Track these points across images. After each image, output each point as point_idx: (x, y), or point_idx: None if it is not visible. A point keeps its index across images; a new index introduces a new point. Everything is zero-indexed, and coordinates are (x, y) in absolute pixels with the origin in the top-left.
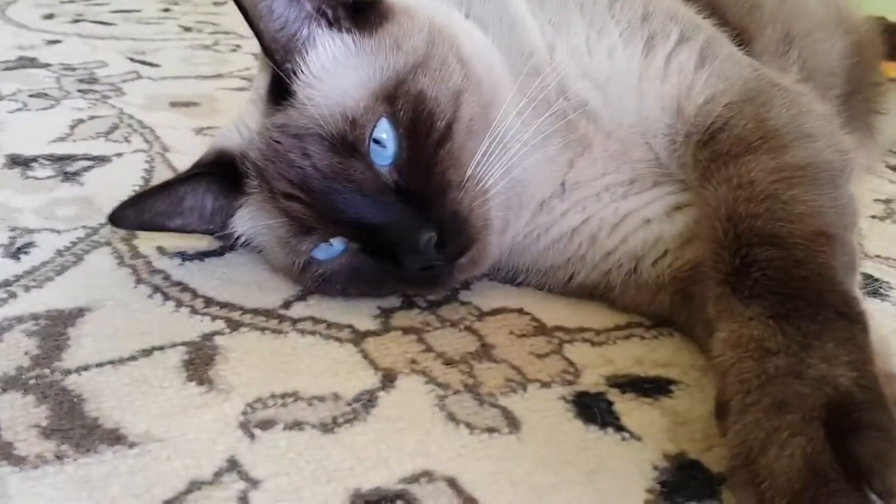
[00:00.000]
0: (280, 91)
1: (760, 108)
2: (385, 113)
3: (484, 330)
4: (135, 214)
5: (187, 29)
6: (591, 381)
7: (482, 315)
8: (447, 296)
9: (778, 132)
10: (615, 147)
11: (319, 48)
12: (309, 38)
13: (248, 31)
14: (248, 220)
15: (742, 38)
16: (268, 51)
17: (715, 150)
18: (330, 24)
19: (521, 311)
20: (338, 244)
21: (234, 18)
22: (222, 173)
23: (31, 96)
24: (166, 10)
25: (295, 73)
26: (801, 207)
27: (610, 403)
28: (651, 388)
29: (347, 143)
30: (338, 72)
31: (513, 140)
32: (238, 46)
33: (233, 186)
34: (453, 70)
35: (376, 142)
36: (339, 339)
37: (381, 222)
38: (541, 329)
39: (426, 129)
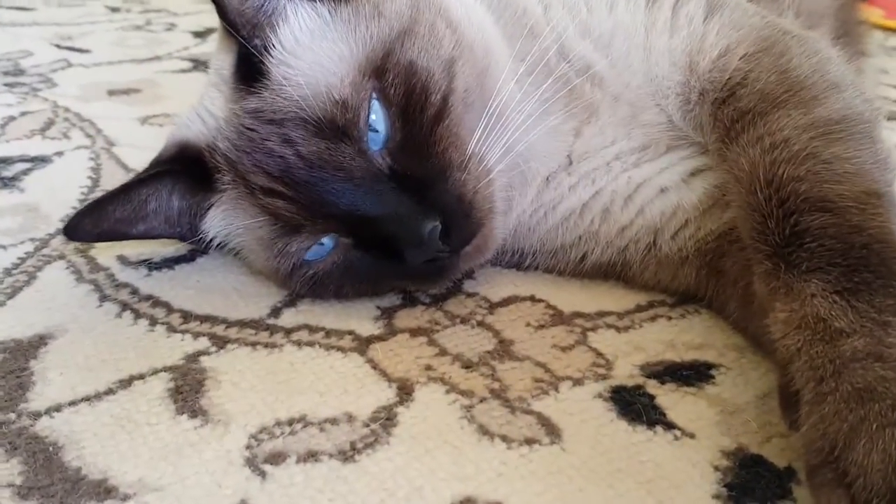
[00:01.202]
0: (250, 72)
1: (780, 59)
2: (375, 89)
3: (498, 324)
4: (92, 225)
5: (114, 9)
6: (624, 372)
7: (492, 307)
8: (450, 288)
9: (804, 83)
10: (624, 111)
11: (291, 20)
12: (278, 8)
13: (181, 8)
14: (222, 220)
15: None
16: (233, 25)
17: (738, 108)
18: None
19: (533, 299)
20: (328, 241)
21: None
22: (187, 169)
23: None
24: None
25: (266, 50)
26: (845, 166)
27: (652, 397)
28: (691, 374)
29: (337, 126)
30: (315, 45)
31: (513, 112)
32: (173, 25)
33: (201, 184)
34: (443, 36)
35: (370, 127)
36: (341, 349)
37: (379, 214)
38: (559, 317)
39: (421, 105)
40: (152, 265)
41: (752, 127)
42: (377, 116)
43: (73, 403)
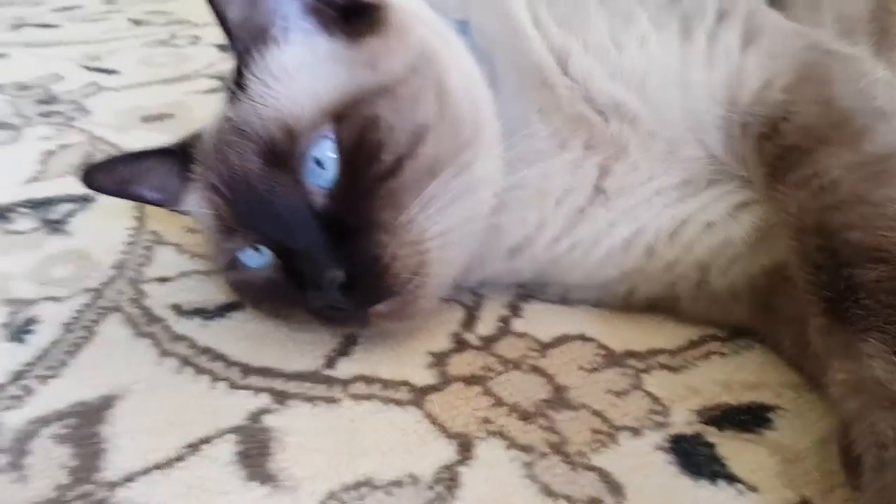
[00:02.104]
0: (237, 82)
1: (823, 88)
2: (329, 131)
3: (551, 368)
4: (103, 177)
5: (137, 22)
6: (682, 419)
7: (544, 348)
8: (499, 328)
9: (848, 115)
10: (660, 147)
11: (284, 47)
12: (274, 32)
13: (202, 18)
14: (192, 204)
15: None
16: (231, 37)
17: (782, 145)
18: (320, 24)
19: (583, 338)
20: (266, 253)
21: (185, 5)
22: (186, 154)
23: None
24: (110, 1)
25: (257, 66)
26: None
27: (711, 446)
28: (748, 419)
29: (279, 153)
30: (297, 75)
31: (488, 176)
32: (196, 38)
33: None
34: (426, 103)
35: (317, 161)
36: (398, 402)
37: (291, 246)
38: (611, 358)
39: (369, 159)
40: (206, 314)
41: (798, 166)
42: (328, 156)
43: (146, 472)
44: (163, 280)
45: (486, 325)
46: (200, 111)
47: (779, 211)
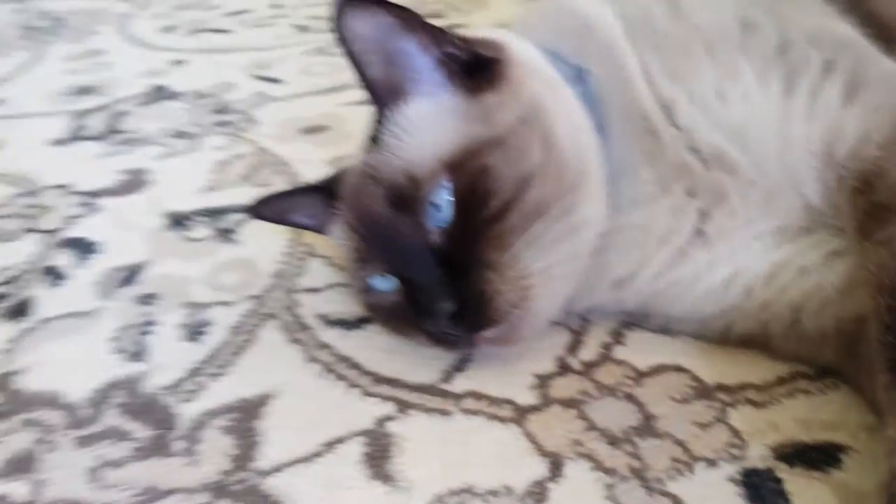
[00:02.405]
0: (375, 131)
1: None
2: (446, 180)
3: (644, 396)
4: (265, 209)
5: (302, 29)
6: (757, 453)
7: (640, 376)
8: (601, 354)
9: None
10: (758, 196)
11: (412, 101)
12: (406, 89)
13: None
14: (336, 235)
15: (892, 38)
16: (372, 93)
17: (873, 202)
18: (446, 77)
19: (679, 369)
20: (393, 280)
21: None
22: (334, 190)
23: (173, 136)
24: (276, 5)
25: (390, 119)
26: None
27: (779, 481)
28: (819, 457)
29: (404, 198)
30: (423, 128)
31: (591, 218)
32: None
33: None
34: (533, 153)
35: (434, 205)
36: (502, 419)
37: (411, 278)
38: (702, 390)
39: (479, 205)
40: (348, 325)
41: (885, 224)
42: (443, 200)
43: (290, 464)
44: (313, 291)
45: (590, 350)
46: (353, 124)
47: (862, 266)
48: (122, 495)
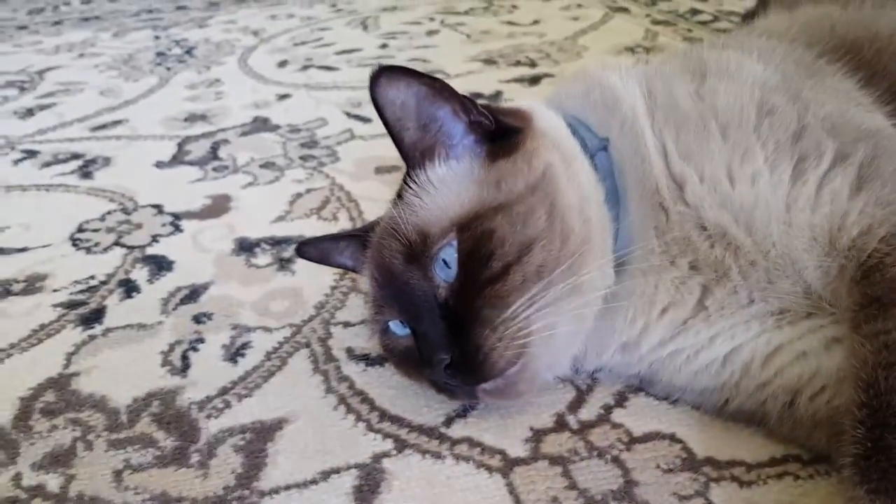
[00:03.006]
0: (401, 190)
1: None
2: (454, 239)
3: (631, 462)
4: (311, 249)
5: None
6: None
7: (632, 441)
8: (599, 415)
9: None
10: (759, 276)
11: (441, 165)
12: (431, 154)
13: (455, 68)
14: (365, 279)
15: None
16: (404, 157)
17: (867, 294)
18: (473, 143)
19: (672, 438)
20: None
21: (440, 53)
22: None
23: (261, 167)
24: (383, 45)
25: (415, 180)
26: None
27: None
28: None
29: (415, 253)
30: (441, 189)
31: (595, 282)
32: None
33: None
34: (537, 220)
35: (444, 262)
36: (489, 468)
37: (415, 327)
38: (689, 462)
39: (480, 265)
40: (369, 361)
41: (874, 319)
42: (452, 257)
43: (288, 488)
44: (346, 325)
45: (590, 410)
46: None
47: (848, 358)
48: (137, 498)
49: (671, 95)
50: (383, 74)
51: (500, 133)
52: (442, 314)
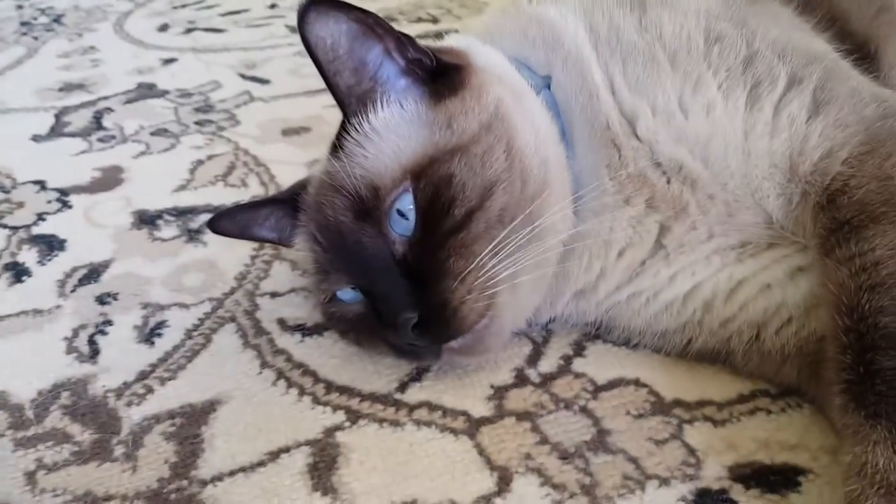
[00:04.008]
0: (338, 140)
1: (885, 162)
2: (409, 187)
3: (600, 410)
4: (226, 223)
5: (294, 30)
6: (713, 473)
7: (597, 390)
8: (560, 366)
9: None
10: (719, 209)
11: (378, 110)
12: (374, 97)
13: None
14: (300, 246)
15: (867, 50)
16: (339, 102)
17: (835, 218)
18: (412, 84)
19: (637, 383)
20: (357, 291)
21: None
22: (297, 202)
23: (152, 134)
24: (272, 5)
25: (355, 127)
26: None
27: (733, 503)
28: (777, 480)
29: (365, 207)
30: (387, 136)
31: (556, 226)
32: None
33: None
34: (496, 160)
35: (400, 213)
36: (454, 431)
37: (374, 290)
38: (659, 406)
39: (442, 214)
40: (305, 331)
41: (846, 243)
42: (409, 208)
43: (232, 473)
44: (274, 295)
45: (549, 362)
46: (335, 126)
47: (824, 285)
48: (56, 501)
49: (614, 28)
50: (311, 9)
51: (440, 72)
52: (402, 272)
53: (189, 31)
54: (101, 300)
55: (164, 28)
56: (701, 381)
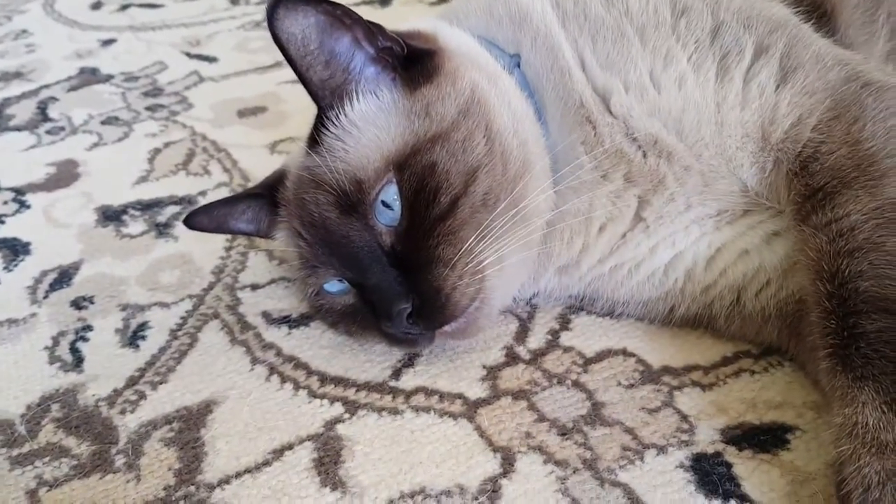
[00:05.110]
0: (315, 135)
1: (852, 127)
2: (393, 180)
3: (592, 383)
4: (204, 219)
5: (235, 2)
6: (706, 437)
7: (587, 363)
8: (548, 341)
9: (874, 157)
10: (695, 181)
11: (355, 102)
12: (349, 90)
13: None
14: (283, 241)
15: (823, 10)
16: (313, 96)
17: (808, 185)
18: (383, 72)
19: (625, 352)
20: (345, 283)
21: None
22: (275, 195)
23: (103, 123)
24: None
25: (332, 121)
26: None
27: (729, 466)
28: (767, 439)
29: (350, 201)
30: (365, 128)
31: (539, 206)
32: None
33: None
34: (477, 145)
35: (385, 204)
36: (452, 415)
37: (365, 282)
38: (648, 374)
39: (428, 203)
40: (291, 323)
41: (821, 209)
42: (394, 199)
43: (238, 475)
44: (254, 287)
45: (537, 338)
46: (290, 104)
47: (801, 251)
48: None
49: (580, 3)
50: (280, 5)
51: (412, 58)
52: (391, 262)
53: (124, 7)
54: (77, 305)
55: (97, 6)
56: (685, 346)
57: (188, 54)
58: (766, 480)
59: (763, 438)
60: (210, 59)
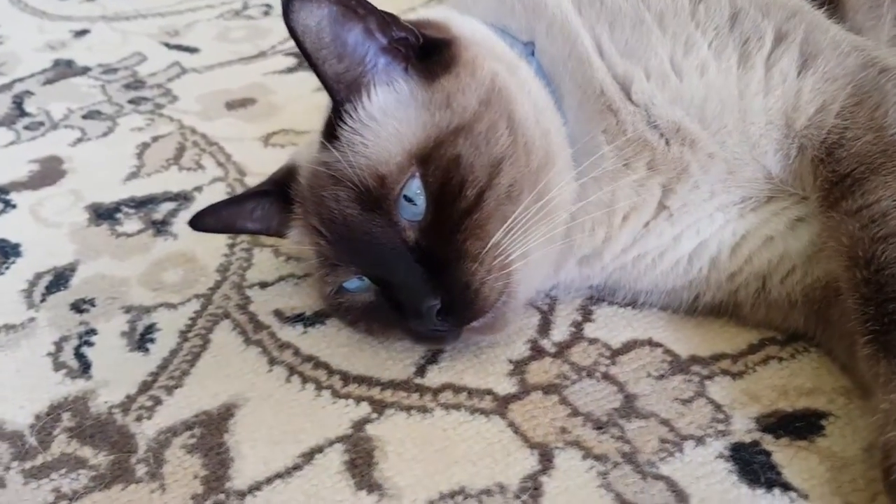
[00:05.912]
0: (331, 130)
1: (875, 112)
2: (417, 174)
3: (621, 375)
4: (211, 220)
5: None
6: (742, 427)
7: (614, 354)
8: (572, 333)
9: None
10: (719, 168)
11: (373, 95)
12: (365, 83)
13: None
14: (297, 239)
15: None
16: (329, 90)
17: (836, 171)
18: (397, 63)
19: (651, 343)
20: (366, 280)
21: None
22: (285, 191)
23: (84, 118)
24: None
25: (349, 114)
26: None
27: (768, 454)
28: (802, 426)
29: (373, 197)
30: (384, 121)
31: (563, 199)
32: (269, 7)
33: (290, 206)
34: (500, 136)
35: (407, 198)
36: (483, 412)
37: (391, 280)
38: (677, 365)
39: (453, 196)
40: (306, 321)
41: (851, 195)
42: (417, 193)
43: (269, 480)
44: (263, 285)
45: (561, 330)
46: (280, 95)
47: (831, 237)
48: None
49: None
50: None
51: (427, 48)
52: (416, 258)
53: None
54: (78, 308)
55: None
56: (710, 335)
57: (167, 45)
58: (806, 468)
59: (798, 425)
60: (191, 50)
